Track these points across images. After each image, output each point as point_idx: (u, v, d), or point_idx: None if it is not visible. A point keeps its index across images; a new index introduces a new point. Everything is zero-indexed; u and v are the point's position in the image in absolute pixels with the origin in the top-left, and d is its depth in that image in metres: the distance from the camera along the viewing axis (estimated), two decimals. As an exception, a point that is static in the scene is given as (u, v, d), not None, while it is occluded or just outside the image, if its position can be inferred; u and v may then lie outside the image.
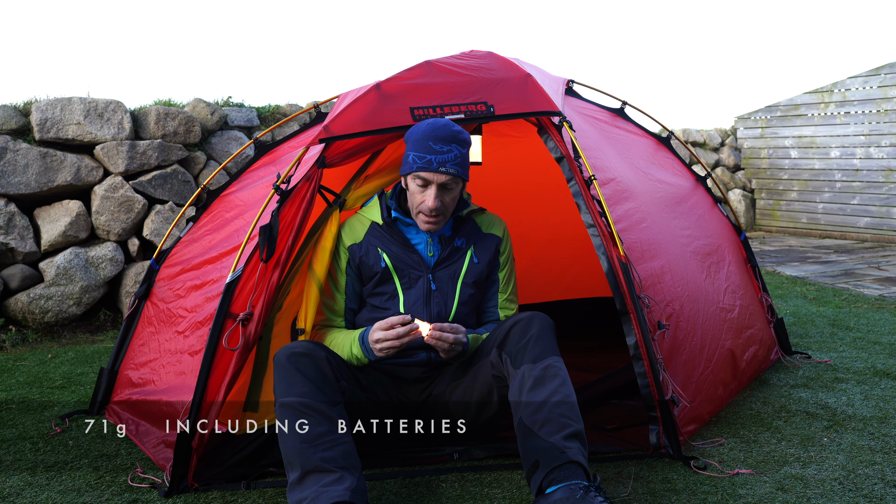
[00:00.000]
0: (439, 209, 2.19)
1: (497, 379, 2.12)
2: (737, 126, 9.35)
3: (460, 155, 2.17)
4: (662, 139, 3.45)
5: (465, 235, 2.35)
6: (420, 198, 2.20)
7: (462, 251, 2.33)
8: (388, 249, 2.29)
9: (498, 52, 2.67)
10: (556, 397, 1.93)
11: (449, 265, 2.31)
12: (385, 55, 15.30)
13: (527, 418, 1.92)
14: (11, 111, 4.49)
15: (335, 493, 1.76)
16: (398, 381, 2.28)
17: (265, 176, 2.90)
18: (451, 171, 2.15)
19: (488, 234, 2.38)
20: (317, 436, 1.86)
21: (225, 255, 2.64)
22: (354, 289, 2.36)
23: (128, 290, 4.63)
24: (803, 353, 3.40)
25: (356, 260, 2.33)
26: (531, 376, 1.97)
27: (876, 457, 2.22)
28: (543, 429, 1.88)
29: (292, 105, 5.90)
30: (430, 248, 2.31)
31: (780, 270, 6.11)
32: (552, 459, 1.82)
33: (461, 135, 2.19)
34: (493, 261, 2.38)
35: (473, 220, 2.39)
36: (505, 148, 3.58)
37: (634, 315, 2.24)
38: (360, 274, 2.35)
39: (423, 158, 2.14)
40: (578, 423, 1.92)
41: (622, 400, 2.78)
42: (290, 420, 1.88)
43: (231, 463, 2.18)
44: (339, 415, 1.93)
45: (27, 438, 2.60)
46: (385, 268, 2.28)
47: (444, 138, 2.15)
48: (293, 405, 1.89)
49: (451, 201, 2.23)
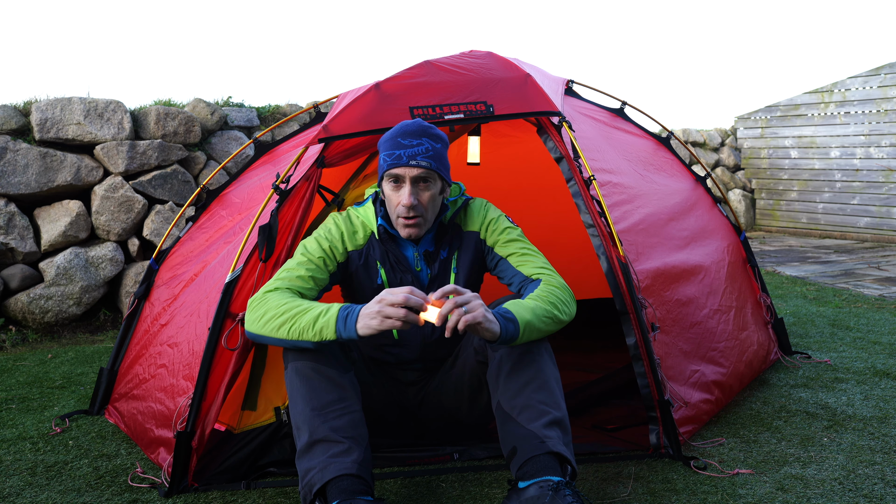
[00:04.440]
0: (416, 207, 2.04)
1: (481, 365, 2.06)
2: (737, 126, 9.34)
3: (432, 149, 2.04)
4: (662, 139, 3.45)
5: (447, 244, 2.20)
6: (395, 199, 2.06)
7: (447, 263, 2.20)
8: (385, 265, 2.16)
9: (498, 52, 2.67)
10: (535, 382, 1.89)
11: (439, 282, 2.18)
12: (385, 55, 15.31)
13: (505, 403, 1.89)
14: (11, 111, 4.49)
15: (343, 464, 1.76)
16: (395, 383, 2.28)
17: (263, 176, 2.91)
18: (422, 164, 2.00)
19: (468, 232, 2.22)
20: (326, 403, 1.85)
21: (216, 253, 2.66)
22: (315, 281, 2.06)
23: (128, 290, 4.63)
24: (803, 353, 3.40)
25: (350, 268, 2.17)
26: (509, 359, 1.92)
27: (876, 457, 2.22)
28: (522, 415, 1.85)
29: (292, 105, 5.90)
30: (419, 264, 2.18)
31: (780, 270, 6.11)
32: (530, 448, 1.80)
33: (432, 129, 2.07)
34: (478, 259, 2.21)
35: (456, 223, 2.23)
36: (504, 148, 3.58)
37: (634, 315, 2.24)
38: (343, 278, 2.19)
39: (393, 155, 2.03)
40: (558, 409, 1.88)
41: (622, 400, 2.78)
42: (301, 385, 1.87)
43: (231, 463, 2.18)
44: (349, 382, 1.91)
45: (27, 438, 2.60)
46: (380, 285, 2.15)
47: (412, 132, 2.04)
48: (304, 370, 1.88)
49: (430, 200, 2.07)
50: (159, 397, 2.46)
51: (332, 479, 1.74)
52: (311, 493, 1.75)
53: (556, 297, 1.99)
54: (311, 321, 1.84)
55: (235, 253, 2.33)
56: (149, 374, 2.60)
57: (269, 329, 1.88)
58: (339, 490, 1.73)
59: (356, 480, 1.76)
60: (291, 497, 2.08)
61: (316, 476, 1.76)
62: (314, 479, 1.76)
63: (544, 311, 1.93)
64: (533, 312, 1.90)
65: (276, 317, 1.87)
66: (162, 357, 2.57)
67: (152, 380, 2.56)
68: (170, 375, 2.44)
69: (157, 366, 2.58)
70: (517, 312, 1.88)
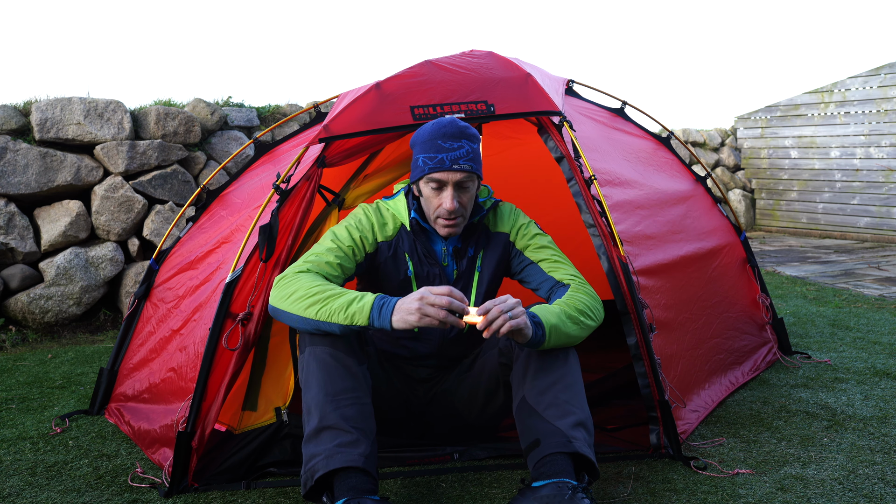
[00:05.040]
0: (458, 211, 2.06)
1: (504, 368, 2.09)
2: (737, 126, 9.34)
3: (472, 150, 2.05)
4: (662, 139, 3.45)
5: (474, 243, 2.21)
6: (436, 201, 2.07)
7: (473, 261, 2.21)
8: (413, 258, 2.17)
9: (498, 52, 2.67)
10: (562, 383, 1.90)
11: (465, 278, 2.21)
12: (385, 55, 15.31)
13: (531, 398, 1.90)
14: (11, 111, 4.48)
15: (350, 456, 1.76)
16: (406, 379, 2.28)
17: (264, 176, 2.90)
18: (465, 168, 2.02)
19: (496, 233, 2.24)
20: (340, 390, 1.85)
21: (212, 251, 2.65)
22: (343, 269, 2.06)
23: (128, 290, 4.63)
24: (803, 353, 3.40)
25: (379, 258, 2.16)
26: (539, 359, 1.94)
27: (876, 457, 2.22)
28: (548, 411, 1.87)
29: (292, 105, 5.90)
30: (446, 259, 2.19)
31: (780, 270, 6.10)
32: (556, 444, 1.80)
33: (469, 129, 2.07)
34: (504, 260, 2.23)
35: (483, 223, 2.25)
36: (506, 151, 3.58)
37: (635, 315, 2.24)
38: (369, 269, 2.18)
39: (435, 158, 2.02)
40: (583, 412, 1.90)
41: (622, 400, 2.78)
42: (317, 369, 1.87)
43: (231, 463, 2.18)
44: (363, 374, 1.92)
45: (27, 438, 2.60)
46: (408, 277, 2.15)
47: (452, 135, 2.03)
48: (322, 355, 1.89)
49: (469, 201, 2.10)
50: (159, 397, 2.46)
51: (336, 469, 1.74)
52: (313, 479, 1.75)
53: (583, 304, 2.02)
54: (343, 304, 1.83)
55: (235, 253, 2.33)
56: (148, 374, 2.60)
57: (297, 307, 1.88)
58: (347, 487, 1.73)
59: (364, 477, 1.75)
60: (291, 497, 2.07)
61: (320, 463, 1.76)
62: (318, 465, 1.76)
63: (570, 317, 1.96)
64: (558, 317, 1.93)
65: (306, 297, 1.87)
66: (161, 356, 2.57)
67: (152, 380, 2.56)
68: (168, 375, 2.44)
69: (156, 365, 2.58)
70: (543, 317, 1.90)
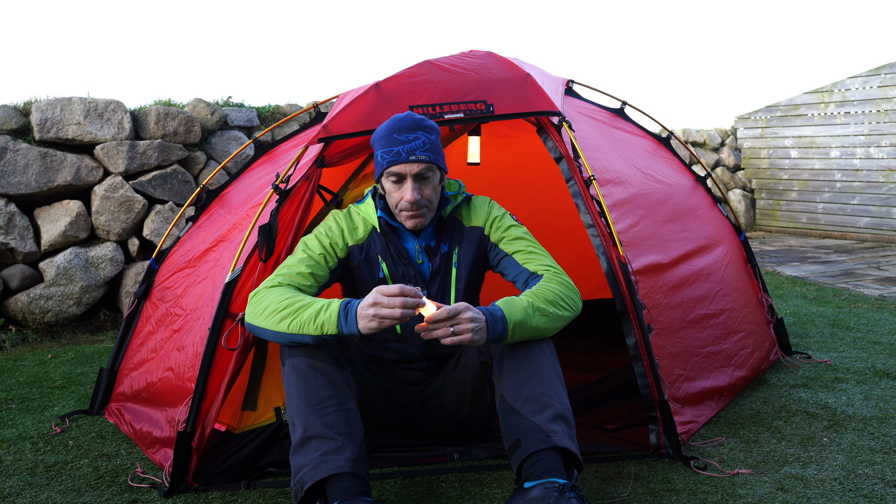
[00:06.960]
0: (420, 202, 2.06)
1: (484, 366, 2.08)
2: (737, 126, 9.34)
3: (429, 141, 2.05)
4: (662, 139, 3.45)
5: (447, 238, 2.21)
6: (398, 195, 2.07)
7: (448, 257, 2.20)
8: (386, 259, 2.17)
9: (498, 52, 2.67)
10: (537, 376, 1.89)
11: (441, 276, 2.20)
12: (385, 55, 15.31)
13: (508, 395, 1.89)
14: (11, 111, 4.48)
15: (335, 463, 1.76)
16: (398, 382, 2.28)
17: (263, 176, 2.91)
18: (422, 158, 2.02)
19: (470, 227, 2.22)
20: (321, 399, 1.85)
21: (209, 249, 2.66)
22: (315, 277, 2.07)
23: (128, 290, 4.63)
24: (803, 353, 3.40)
25: (352, 263, 2.18)
26: (511, 354, 1.93)
27: (876, 457, 2.22)
28: (525, 407, 1.85)
29: (292, 105, 5.90)
30: (420, 257, 2.18)
31: (780, 270, 6.10)
32: (536, 442, 1.79)
33: (425, 122, 2.08)
34: (481, 254, 2.22)
35: (456, 218, 2.24)
36: (504, 149, 3.58)
37: (634, 315, 2.24)
38: (344, 274, 2.20)
39: (391, 152, 2.03)
40: (561, 403, 1.88)
41: (622, 400, 2.78)
42: (297, 380, 1.88)
43: (231, 463, 2.18)
44: (345, 380, 1.92)
45: (27, 438, 2.60)
46: (382, 279, 2.16)
47: (407, 127, 2.04)
48: (300, 366, 1.89)
49: (433, 192, 2.09)
50: (158, 397, 2.46)
51: (325, 478, 1.75)
52: (303, 491, 1.76)
53: (554, 294, 1.99)
54: (312, 315, 1.84)
55: (233, 251, 2.33)
56: (148, 374, 2.60)
57: (270, 322, 1.89)
58: (339, 491, 1.73)
59: (354, 481, 1.76)
60: (291, 497, 2.07)
61: (308, 474, 1.76)
62: (306, 476, 1.76)
63: (538, 309, 1.93)
64: (525, 311, 1.90)
65: (277, 311, 1.89)
66: (160, 357, 2.57)
67: (151, 380, 2.56)
68: (168, 375, 2.44)
69: (155, 365, 2.58)
70: (507, 311, 1.88)
